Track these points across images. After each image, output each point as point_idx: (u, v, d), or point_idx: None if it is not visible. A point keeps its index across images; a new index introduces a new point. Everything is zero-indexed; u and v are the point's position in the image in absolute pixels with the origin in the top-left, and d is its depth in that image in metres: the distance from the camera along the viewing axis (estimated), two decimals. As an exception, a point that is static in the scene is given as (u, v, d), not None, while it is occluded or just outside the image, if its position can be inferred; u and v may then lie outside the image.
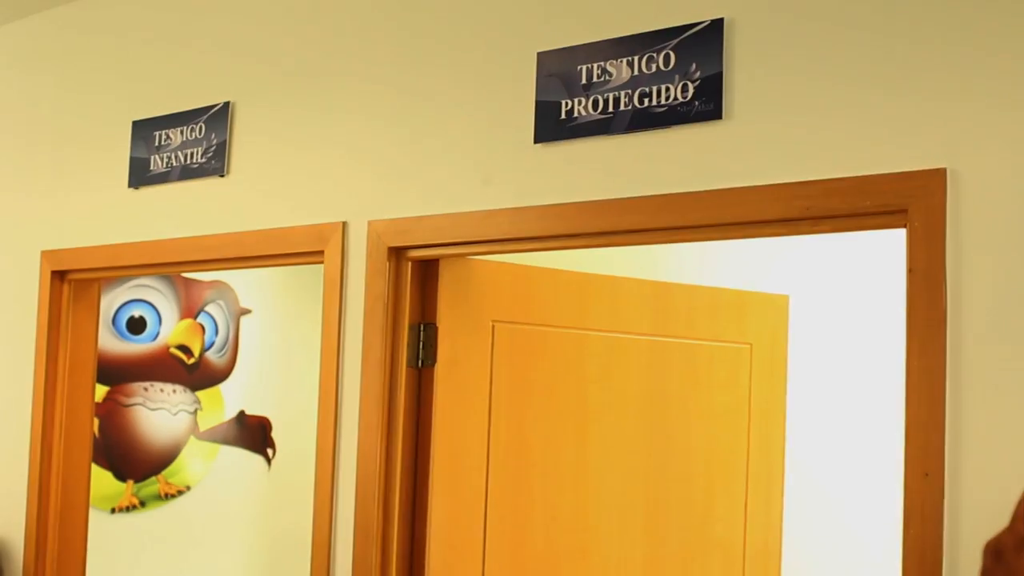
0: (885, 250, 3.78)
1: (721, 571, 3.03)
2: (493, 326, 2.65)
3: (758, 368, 3.16)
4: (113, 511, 5.79)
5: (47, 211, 3.36)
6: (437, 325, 2.54)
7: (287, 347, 6.43)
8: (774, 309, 3.27)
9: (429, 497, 2.46)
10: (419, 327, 2.54)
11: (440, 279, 2.56)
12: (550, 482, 2.68)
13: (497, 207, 2.47)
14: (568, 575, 2.68)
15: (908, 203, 1.94)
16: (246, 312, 6.42)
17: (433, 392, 2.53)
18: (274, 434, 6.45)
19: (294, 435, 6.28)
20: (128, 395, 5.84)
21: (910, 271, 1.96)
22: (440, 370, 2.53)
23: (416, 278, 2.56)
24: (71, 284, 3.18)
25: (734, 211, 2.14)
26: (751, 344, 3.16)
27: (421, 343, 2.54)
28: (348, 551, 2.53)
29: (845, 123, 2.10)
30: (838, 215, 2.05)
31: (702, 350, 3.04)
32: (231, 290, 6.33)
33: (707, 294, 3.11)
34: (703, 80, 2.26)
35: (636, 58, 2.36)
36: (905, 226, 1.97)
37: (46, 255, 3.18)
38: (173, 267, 3.10)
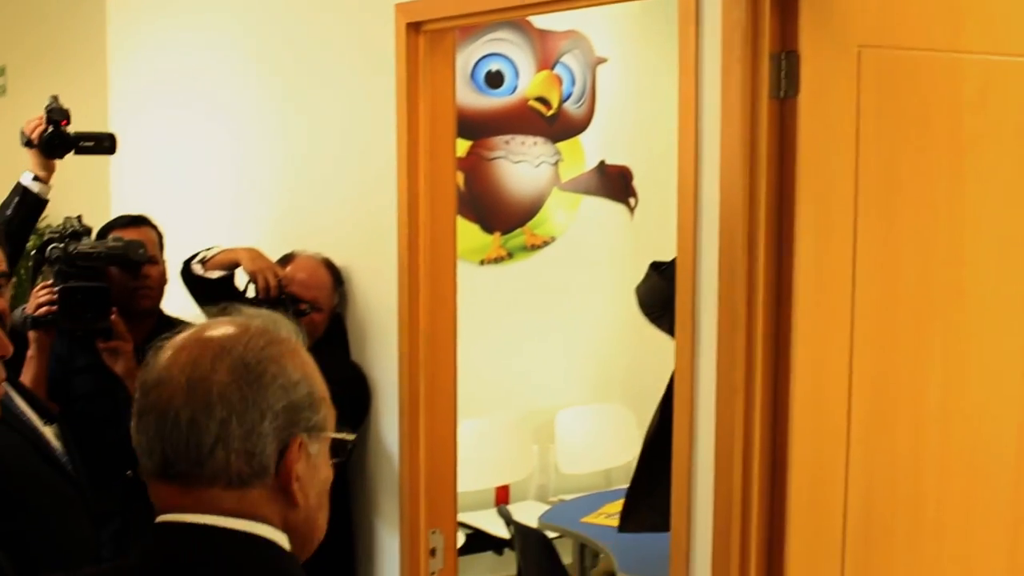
0: None
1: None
2: (859, 52, 2.46)
3: None
4: (482, 263, 5.98)
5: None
6: (799, 53, 2.37)
7: (644, 94, 6.34)
8: None
9: (795, 233, 2.35)
10: (780, 56, 2.39)
11: (800, 2, 2.38)
12: (922, 217, 2.51)
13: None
14: (942, 313, 2.53)
15: None
16: (602, 61, 6.35)
17: (796, 125, 2.38)
18: (635, 182, 6.45)
19: (655, 182, 6.25)
20: (490, 149, 5.94)
21: None
22: (803, 101, 2.38)
23: (775, 3, 2.39)
24: (426, 36, 3.18)
25: None
26: None
27: (783, 73, 2.39)
28: (712, 294, 2.48)
29: None
30: None
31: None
32: (586, 39, 6.27)
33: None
34: None
35: None
36: None
37: (400, 8, 3.18)
38: (526, 10, 3.04)
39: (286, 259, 3.49)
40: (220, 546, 1.37)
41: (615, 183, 6.42)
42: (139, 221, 3.50)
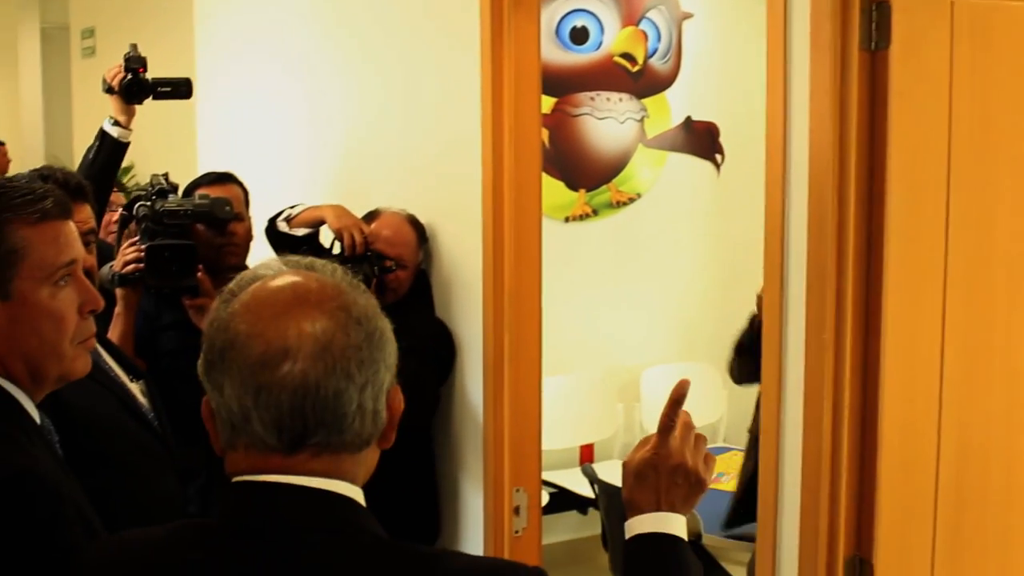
0: None
1: None
2: (952, 2, 2.38)
3: None
4: (567, 220, 5.96)
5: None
6: (890, 3, 2.31)
7: (731, 49, 6.25)
8: None
9: (886, 188, 2.29)
10: (871, 6, 2.32)
11: (893, -49, 2.32)
12: (1017, 171, 2.44)
13: None
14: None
15: None
16: (688, 16, 6.27)
17: (888, 77, 2.32)
18: (722, 139, 6.37)
19: (742, 139, 6.17)
20: (575, 105, 5.90)
21: None
22: (895, 53, 2.31)
23: (866, -48, 2.33)
24: (510, -9, 3.15)
25: None
26: None
27: (874, 24, 2.32)
28: (801, 251, 2.43)
29: None
30: None
31: None
32: (671, -6, 6.19)
33: None
34: None
35: None
36: None
37: (484, -36, 3.15)
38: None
39: (371, 216, 3.50)
40: (304, 506, 1.37)
41: (701, 139, 6.35)
42: (225, 178, 3.53)
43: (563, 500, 5.52)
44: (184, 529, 1.45)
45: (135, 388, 2.59)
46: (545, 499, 3.43)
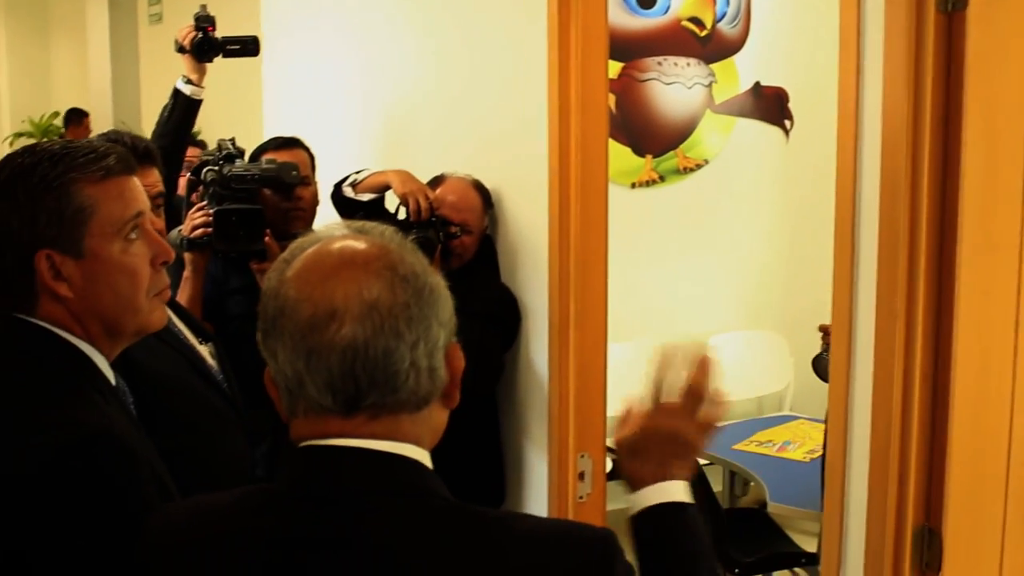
0: None
1: None
2: (1034, -37, 2.33)
3: None
4: (633, 186, 5.93)
5: None
6: (968, -36, 2.26)
7: (801, 12, 6.17)
8: None
9: (961, 153, 2.25)
10: (948, -33, 2.28)
11: (970, -90, 2.27)
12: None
13: None
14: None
15: None
16: (757, -20, 6.20)
17: (964, 40, 2.27)
18: (791, 104, 6.30)
19: (812, 104, 6.09)
20: (642, 70, 5.86)
21: None
22: (972, 14, 2.26)
23: (943, -90, 2.28)
24: (576, -46, 3.12)
25: None
26: None
27: (950, -14, 2.28)
28: (872, 218, 2.39)
29: None
30: None
31: None
32: (740, -43, 6.12)
33: None
34: None
35: None
36: None
37: (551, -73, 3.12)
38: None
39: (436, 181, 3.49)
40: (370, 469, 1.37)
41: (770, 105, 6.28)
42: (291, 143, 3.54)
43: (627, 467, 5.49)
44: (251, 495, 1.46)
45: (204, 351, 2.62)
46: (609, 465, 3.41)
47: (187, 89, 3.71)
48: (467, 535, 1.35)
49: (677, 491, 1.64)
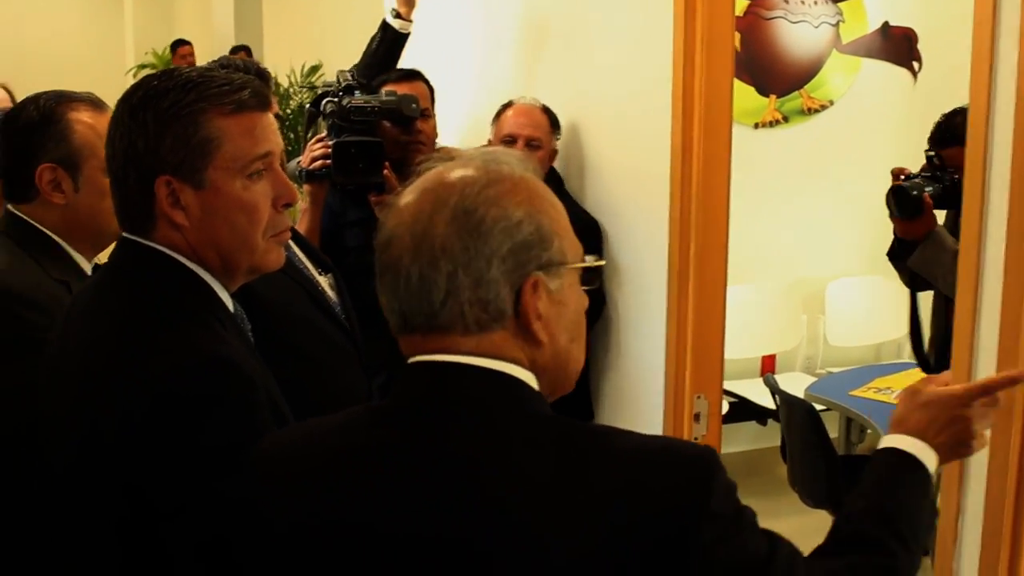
0: None
1: None
2: None
3: None
4: (756, 126, 5.84)
5: None
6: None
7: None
8: None
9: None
10: (1096, -98, 2.18)
11: None
12: None
13: None
14: None
15: None
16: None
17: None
18: (920, 46, 6.13)
19: (942, 45, 5.92)
20: (769, 7, 5.74)
21: None
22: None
23: None
24: None
25: None
26: None
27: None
28: (1004, 163, 2.31)
29: None
30: None
31: None
32: None
33: None
34: None
35: None
36: None
37: None
38: None
39: (505, 106, 3.63)
40: (469, 383, 1.38)
41: (899, 46, 6.12)
42: (412, 75, 3.54)
43: (743, 410, 5.47)
44: (360, 412, 1.48)
45: (324, 282, 2.63)
46: (725, 408, 3.39)
47: (396, 23, 3.81)
48: (572, 446, 1.34)
49: (929, 457, 1.68)
